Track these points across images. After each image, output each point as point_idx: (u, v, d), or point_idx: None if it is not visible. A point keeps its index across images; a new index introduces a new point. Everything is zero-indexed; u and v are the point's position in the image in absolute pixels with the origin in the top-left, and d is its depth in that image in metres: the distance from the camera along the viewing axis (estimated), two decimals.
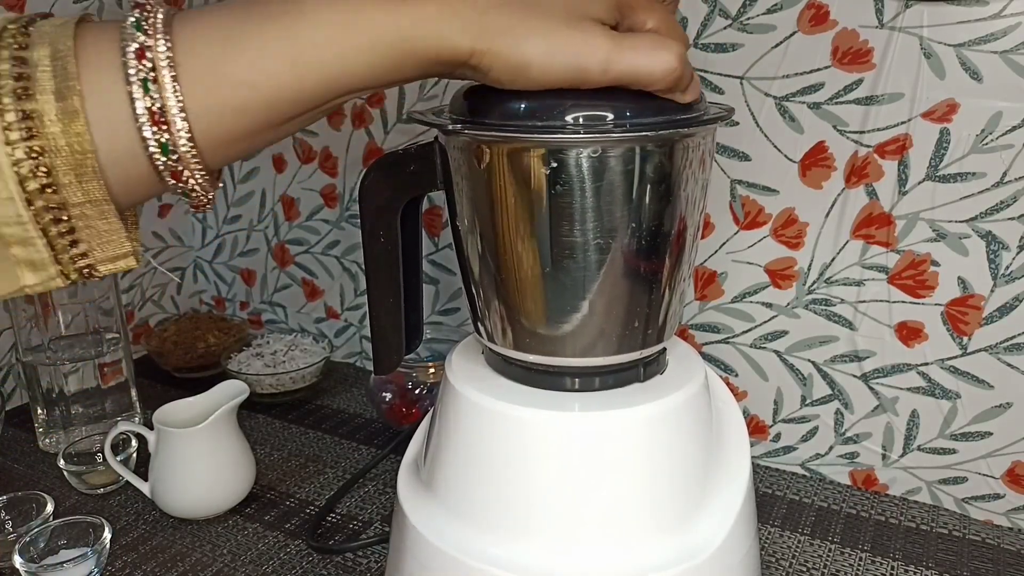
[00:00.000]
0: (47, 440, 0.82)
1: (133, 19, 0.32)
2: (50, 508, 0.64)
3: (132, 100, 0.32)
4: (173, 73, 0.32)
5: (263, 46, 0.34)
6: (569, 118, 0.39)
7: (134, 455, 0.74)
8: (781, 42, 0.64)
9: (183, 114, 0.33)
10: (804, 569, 0.62)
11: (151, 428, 0.69)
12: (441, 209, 0.87)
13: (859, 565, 0.62)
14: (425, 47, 0.35)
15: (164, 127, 0.33)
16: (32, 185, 0.31)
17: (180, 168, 0.34)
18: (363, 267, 0.48)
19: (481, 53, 0.35)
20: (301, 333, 1.00)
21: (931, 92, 0.60)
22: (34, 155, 0.31)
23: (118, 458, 0.70)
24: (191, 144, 0.33)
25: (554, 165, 0.39)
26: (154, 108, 0.32)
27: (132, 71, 0.32)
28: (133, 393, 0.85)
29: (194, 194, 0.36)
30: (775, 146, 0.67)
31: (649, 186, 0.41)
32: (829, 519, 0.68)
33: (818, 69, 0.63)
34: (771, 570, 0.62)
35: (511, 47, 0.35)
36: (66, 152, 0.31)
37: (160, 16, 0.33)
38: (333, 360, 1.00)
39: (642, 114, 0.39)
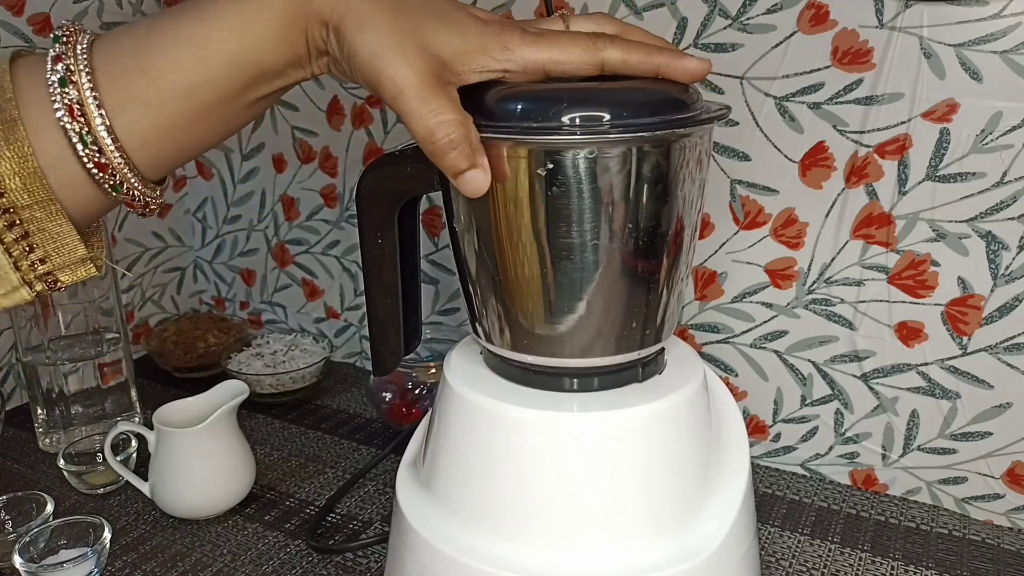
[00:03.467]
0: (47, 440, 0.82)
1: (54, 34, 0.37)
2: (50, 508, 0.64)
3: (51, 100, 0.35)
4: (88, 70, 0.36)
5: (175, 36, 0.37)
6: (566, 119, 0.39)
7: (134, 455, 0.74)
8: (781, 42, 0.64)
9: (98, 103, 0.36)
10: (804, 569, 0.62)
11: (151, 428, 0.69)
12: (441, 209, 0.87)
13: (859, 565, 0.62)
14: (304, 12, 0.38)
15: (83, 120, 0.36)
16: None
17: (105, 161, 0.36)
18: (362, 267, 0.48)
19: (332, 27, 0.38)
20: (301, 333, 1.00)
21: (931, 92, 0.60)
22: None
23: (118, 458, 0.70)
24: (112, 137, 0.36)
25: (550, 166, 0.39)
26: (73, 104, 0.35)
27: (49, 74, 0.36)
28: (133, 393, 0.85)
29: (126, 190, 0.38)
30: (775, 146, 0.67)
31: (646, 186, 0.41)
32: (829, 519, 0.68)
33: (818, 69, 0.63)
34: (771, 570, 0.62)
35: (351, 31, 0.37)
36: (10, 157, 0.34)
37: (82, 36, 0.37)
38: (333, 360, 1.00)
39: (638, 114, 0.39)
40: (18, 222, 0.35)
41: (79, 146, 0.36)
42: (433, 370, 0.80)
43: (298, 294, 1.02)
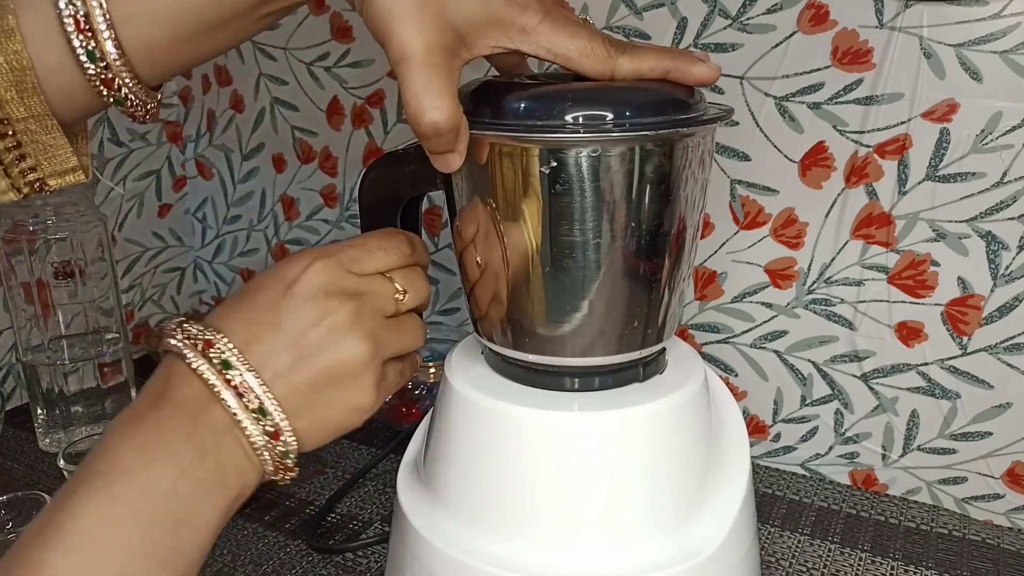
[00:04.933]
0: (47, 440, 0.81)
1: None
2: None
3: (59, 12, 0.34)
4: None
5: None
6: (569, 117, 0.39)
7: None
8: (781, 42, 0.64)
9: (107, 21, 0.34)
10: (804, 569, 0.62)
11: None
12: (441, 209, 0.87)
13: (859, 565, 0.62)
14: None
15: (90, 35, 0.34)
16: None
17: (111, 76, 0.36)
18: None
19: None
20: None
21: (931, 92, 0.60)
22: None
23: None
24: (119, 52, 0.35)
25: (553, 164, 0.39)
26: (79, 17, 0.34)
27: None
28: (133, 393, 0.85)
29: (128, 103, 0.37)
30: (775, 146, 0.67)
31: (648, 186, 0.41)
32: (829, 519, 0.68)
33: (818, 69, 0.63)
34: (771, 570, 0.62)
35: None
36: (5, 70, 0.34)
37: None
38: None
39: (642, 114, 0.39)
40: (11, 133, 0.35)
41: (85, 62, 0.35)
42: (433, 370, 0.80)
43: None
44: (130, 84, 0.37)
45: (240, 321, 0.38)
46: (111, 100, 0.37)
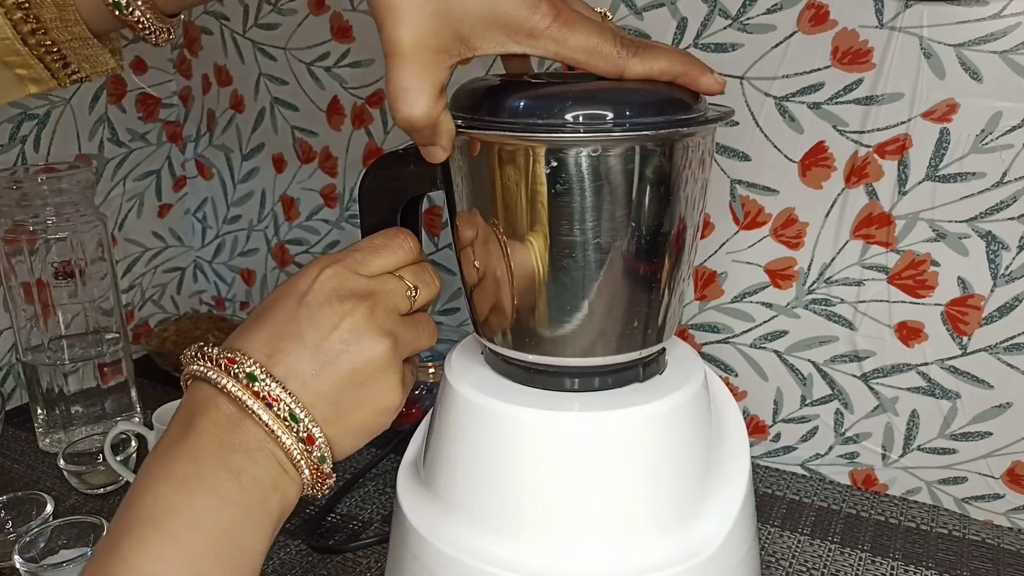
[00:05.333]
0: (47, 440, 0.81)
1: None
2: (50, 508, 0.64)
3: None
4: None
5: None
6: (569, 117, 0.39)
7: (134, 455, 0.74)
8: (781, 42, 0.64)
9: None
10: (804, 569, 0.62)
11: (151, 428, 0.69)
12: (441, 209, 0.87)
13: (859, 565, 0.62)
14: None
15: None
16: (25, 28, 0.40)
17: (136, 19, 0.42)
18: None
19: None
20: None
21: (931, 92, 0.60)
22: (24, 7, 0.39)
23: (118, 458, 0.70)
24: None
25: (554, 164, 0.39)
26: None
27: None
28: (133, 393, 0.85)
29: (142, 27, 0.42)
30: (775, 146, 0.67)
31: (649, 186, 0.41)
32: (829, 519, 0.68)
33: (818, 69, 0.63)
34: (771, 570, 0.62)
35: None
36: (49, 3, 0.40)
37: None
38: None
39: (642, 113, 0.39)
40: (56, 50, 0.41)
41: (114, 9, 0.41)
42: (433, 370, 0.80)
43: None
44: (149, 16, 0.42)
45: (259, 338, 0.38)
46: (143, 35, 0.42)
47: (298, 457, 0.37)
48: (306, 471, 0.38)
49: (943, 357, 0.65)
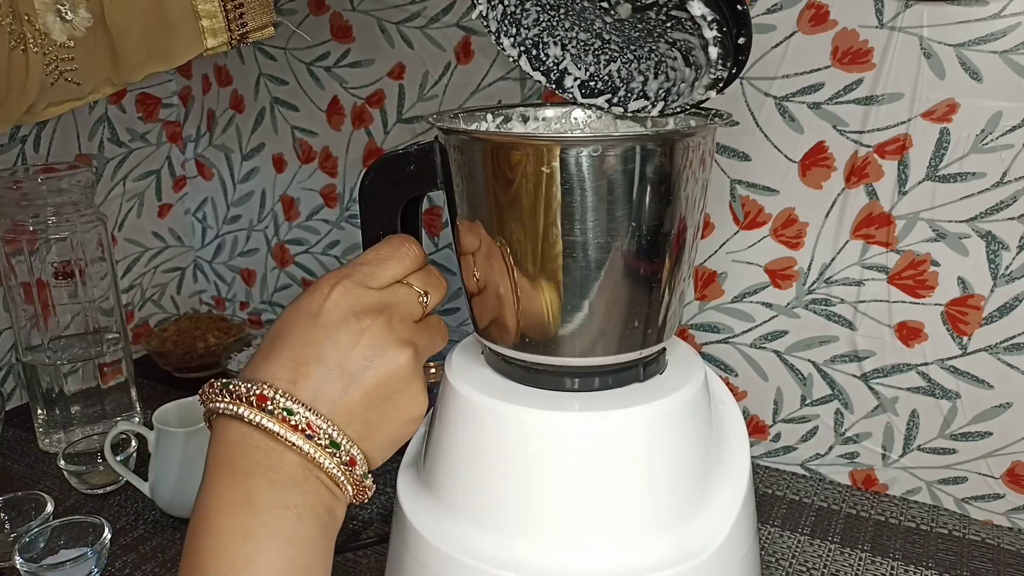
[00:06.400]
0: (47, 440, 0.81)
1: None
2: (50, 508, 0.64)
3: None
4: None
5: None
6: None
7: (134, 455, 0.74)
8: (781, 42, 0.64)
9: None
10: (804, 569, 0.62)
11: (151, 428, 0.69)
12: (441, 209, 0.87)
13: (859, 565, 0.62)
14: None
15: None
16: None
17: None
18: None
19: None
20: None
21: (931, 92, 0.60)
22: None
23: (118, 458, 0.70)
24: None
25: (554, 164, 0.39)
26: None
27: None
28: (133, 393, 0.85)
29: None
30: (775, 146, 0.67)
31: (649, 186, 0.41)
32: (829, 519, 0.68)
33: (818, 69, 0.63)
34: (771, 570, 0.62)
35: None
36: None
37: None
38: None
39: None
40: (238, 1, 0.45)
41: None
42: (433, 370, 0.80)
43: (298, 294, 1.02)
44: None
45: (280, 365, 0.38)
46: None
47: (343, 479, 0.38)
48: (350, 488, 0.38)
49: (943, 357, 0.65)
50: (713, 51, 0.38)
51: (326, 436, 0.37)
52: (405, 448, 0.55)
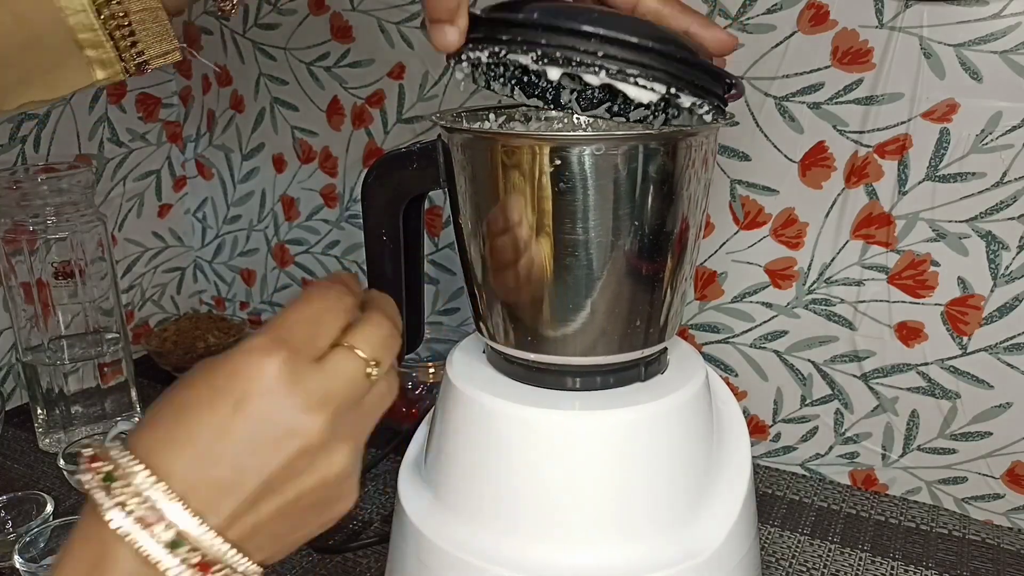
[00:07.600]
0: (47, 440, 0.81)
1: None
2: (50, 508, 0.64)
3: None
4: None
5: None
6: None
7: None
8: (781, 42, 0.64)
9: None
10: (804, 569, 0.62)
11: None
12: (441, 209, 0.87)
13: (859, 565, 0.62)
14: None
15: None
16: None
17: None
18: (364, 267, 0.48)
19: None
20: None
21: (931, 92, 0.60)
22: None
23: None
24: None
25: (557, 163, 0.39)
26: None
27: None
28: (133, 393, 0.85)
29: None
30: (775, 146, 0.67)
31: (652, 185, 0.41)
32: (829, 519, 0.68)
33: (818, 69, 0.63)
34: (771, 570, 0.62)
35: None
36: None
37: None
38: None
39: None
40: (127, 23, 0.40)
41: None
42: (433, 370, 0.80)
43: (298, 294, 1.02)
44: None
45: (180, 457, 0.30)
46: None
47: None
48: None
49: (943, 357, 0.65)
50: (707, 117, 0.39)
51: (221, 567, 0.30)
52: (405, 448, 0.55)
